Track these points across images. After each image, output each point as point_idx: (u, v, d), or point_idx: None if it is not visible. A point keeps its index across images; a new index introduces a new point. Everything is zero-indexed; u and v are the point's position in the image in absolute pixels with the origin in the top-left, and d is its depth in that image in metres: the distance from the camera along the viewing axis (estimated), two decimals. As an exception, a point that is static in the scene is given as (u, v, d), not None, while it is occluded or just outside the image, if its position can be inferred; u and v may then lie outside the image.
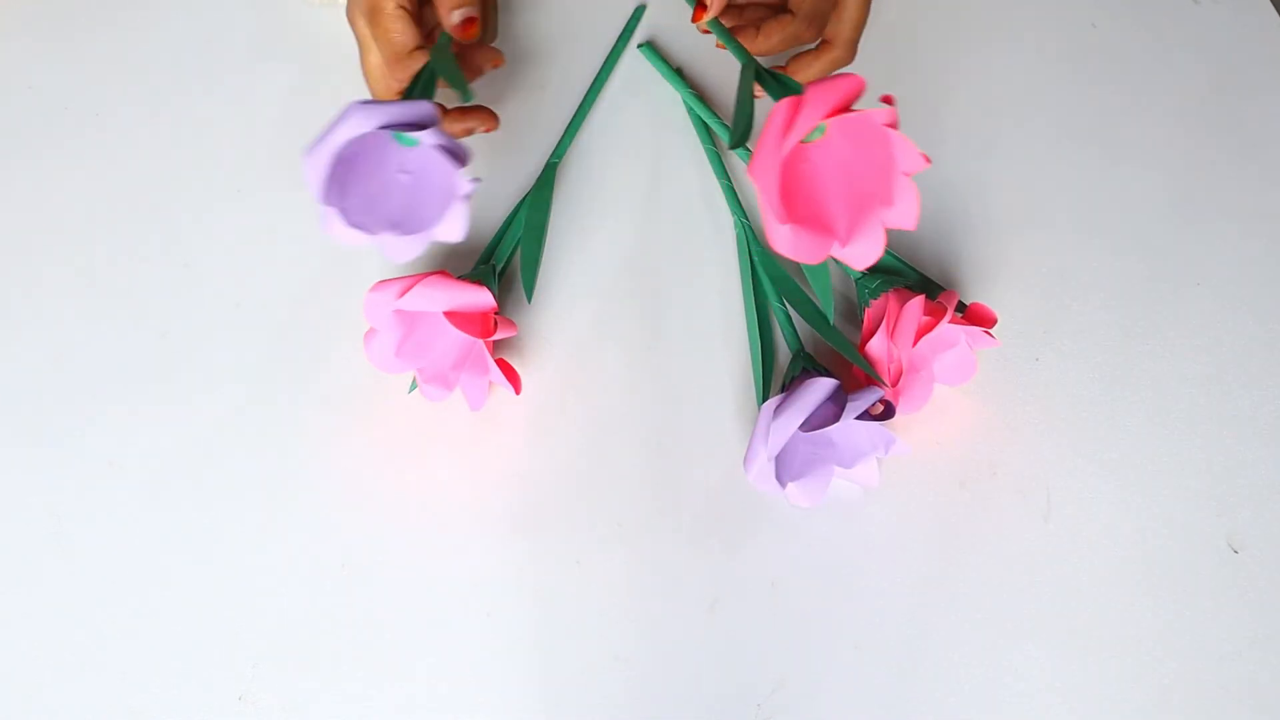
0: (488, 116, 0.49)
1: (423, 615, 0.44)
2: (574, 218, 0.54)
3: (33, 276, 0.52)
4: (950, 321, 0.44)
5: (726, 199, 0.54)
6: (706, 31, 0.48)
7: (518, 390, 0.47)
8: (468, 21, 0.46)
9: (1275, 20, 0.62)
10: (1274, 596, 0.45)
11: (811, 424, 0.42)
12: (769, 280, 0.50)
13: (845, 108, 0.36)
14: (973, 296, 0.52)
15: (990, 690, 0.43)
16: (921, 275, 0.50)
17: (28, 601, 0.44)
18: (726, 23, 0.53)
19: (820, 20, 0.50)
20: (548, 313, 0.51)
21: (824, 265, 0.44)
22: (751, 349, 0.49)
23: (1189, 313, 0.52)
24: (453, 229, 0.41)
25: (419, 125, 0.39)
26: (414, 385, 0.48)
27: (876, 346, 0.46)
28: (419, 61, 0.46)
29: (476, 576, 0.45)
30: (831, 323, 0.47)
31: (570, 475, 0.47)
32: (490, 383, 0.47)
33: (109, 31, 0.60)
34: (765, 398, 0.47)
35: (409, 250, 0.42)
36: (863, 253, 0.39)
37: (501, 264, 0.50)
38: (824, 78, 0.38)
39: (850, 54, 0.51)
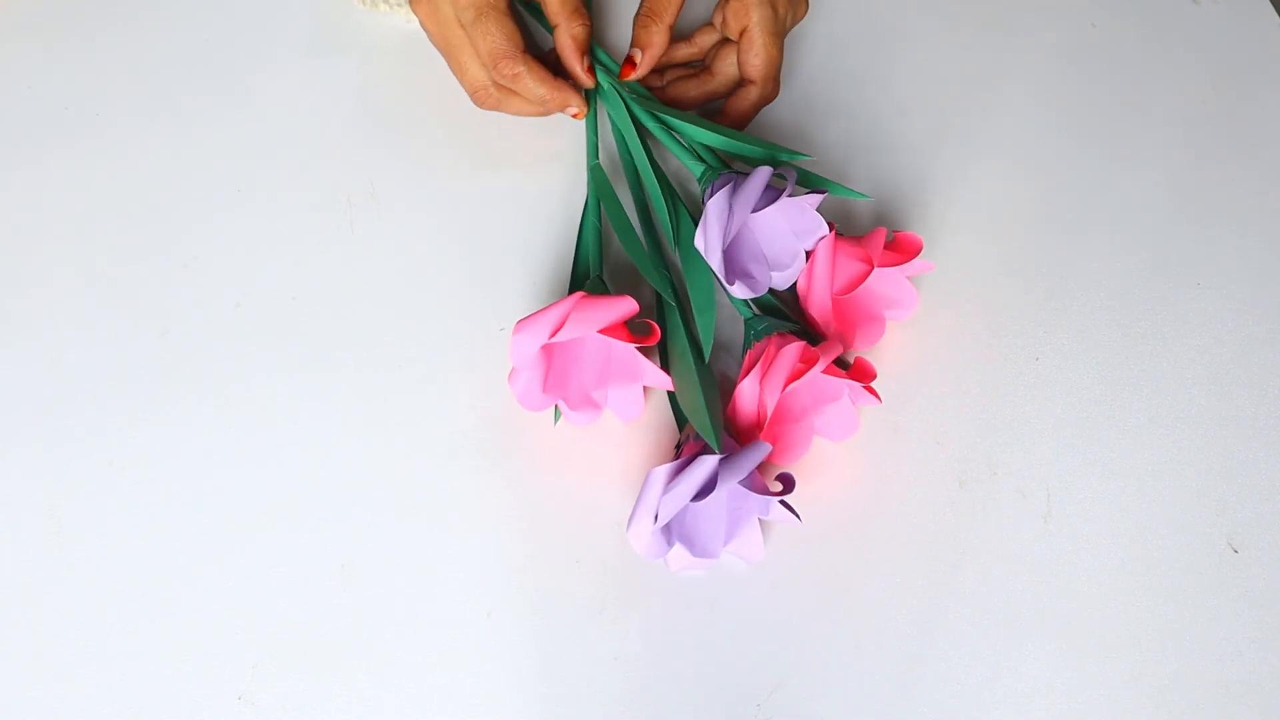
0: (581, 101, 0.52)
1: (423, 615, 0.44)
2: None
3: (33, 276, 0.52)
4: (825, 372, 0.43)
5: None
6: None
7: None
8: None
9: (1275, 20, 0.62)
10: (1274, 596, 0.45)
11: (700, 497, 0.41)
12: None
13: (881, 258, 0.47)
14: (973, 295, 0.52)
15: (990, 690, 0.43)
16: (803, 325, 0.48)
17: (28, 601, 0.44)
18: (650, 81, 0.56)
19: (735, 82, 0.54)
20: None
21: (711, 303, 0.46)
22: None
23: (1189, 313, 0.52)
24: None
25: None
26: (558, 416, 0.47)
27: (747, 387, 0.44)
28: (521, 62, 0.49)
29: (476, 576, 0.45)
30: (706, 360, 0.46)
31: (570, 475, 0.47)
32: (644, 387, 0.46)
33: (109, 32, 0.60)
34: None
35: (747, 291, 0.46)
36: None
37: (597, 271, 0.49)
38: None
39: (775, 89, 0.54)
